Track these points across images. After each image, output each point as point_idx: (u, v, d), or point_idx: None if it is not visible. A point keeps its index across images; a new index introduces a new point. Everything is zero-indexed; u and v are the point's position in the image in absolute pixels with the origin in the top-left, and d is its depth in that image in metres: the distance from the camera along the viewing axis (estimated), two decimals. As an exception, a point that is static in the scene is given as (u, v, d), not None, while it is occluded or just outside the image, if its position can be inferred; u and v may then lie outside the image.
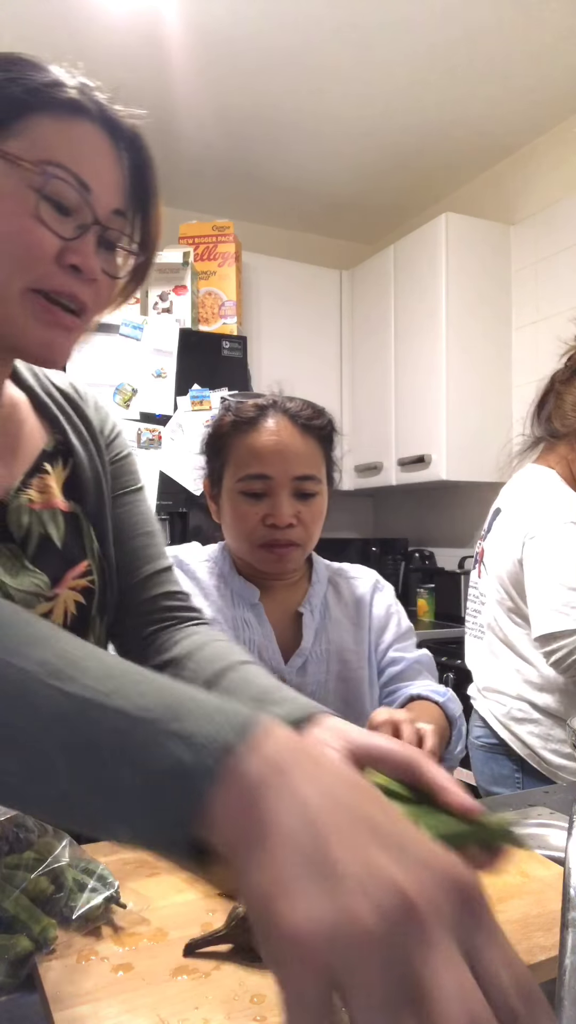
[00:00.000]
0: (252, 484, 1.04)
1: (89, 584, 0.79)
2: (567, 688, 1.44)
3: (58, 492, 0.79)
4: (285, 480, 1.04)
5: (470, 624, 1.68)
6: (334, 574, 1.20)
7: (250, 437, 1.06)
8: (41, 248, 0.63)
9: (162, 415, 2.60)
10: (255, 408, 1.07)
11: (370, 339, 3.33)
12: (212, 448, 1.12)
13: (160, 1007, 0.50)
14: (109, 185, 0.67)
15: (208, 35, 2.33)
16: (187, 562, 1.15)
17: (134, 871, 0.70)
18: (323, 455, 1.11)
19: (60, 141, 0.63)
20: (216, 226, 2.91)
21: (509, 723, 1.51)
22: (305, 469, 1.05)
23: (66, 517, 0.78)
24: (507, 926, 0.63)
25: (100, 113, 0.66)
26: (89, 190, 0.65)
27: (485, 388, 2.95)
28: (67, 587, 0.76)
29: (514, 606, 1.50)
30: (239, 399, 1.10)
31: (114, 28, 2.29)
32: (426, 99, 2.68)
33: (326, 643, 1.12)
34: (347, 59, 2.45)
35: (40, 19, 2.25)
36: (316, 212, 3.54)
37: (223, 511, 1.11)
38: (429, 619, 3.16)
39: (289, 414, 1.07)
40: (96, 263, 0.66)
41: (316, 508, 1.08)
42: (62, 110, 0.64)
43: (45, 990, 0.52)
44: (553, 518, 1.43)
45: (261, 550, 1.06)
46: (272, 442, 1.04)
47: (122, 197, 0.69)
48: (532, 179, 2.97)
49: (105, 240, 0.68)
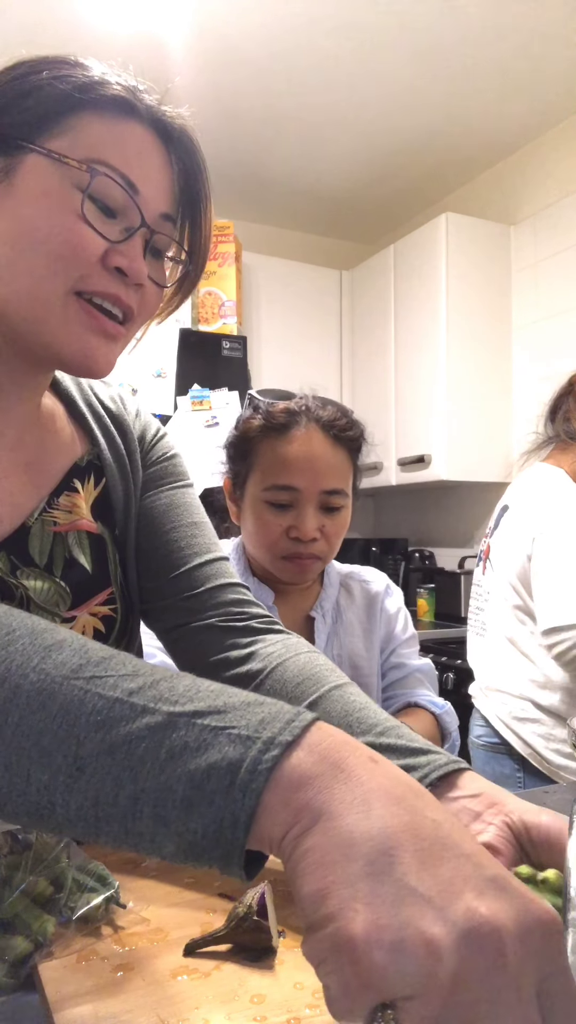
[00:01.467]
0: (278, 495, 1.01)
1: (111, 612, 0.75)
2: (570, 687, 1.44)
3: (87, 511, 0.74)
4: (313, 493, 1.01)
5: (472, 622, 1.68)
6: (346, 577, 1.20)
7: (280, 445, 1.01)
8: (85, 249, 0.60)
9: (162, 415, 2.60)
10: (286, 413, 1.02)
11: (370, 339, 3.33)
12: (238, 450, 1.07)
13: (160, 1007, 0.50)
14: (158, 188, 0.64)
15: (208, 35, 2.33)
16: None
17: (134, 871, 0.70)
18: (352, 466, 1.08)
19: (108, 140, 0.61)
20: (216, 226, 2.91)
21: (511, 722, 1.51)
22: (334, 483, 1.02)
23: (92, 540, 0.74)
24: (507, 926, 0.63)
25: (149, 114, 0.64)
26: (137, 191, 0.62)
27: (485, 388, 2.95)
28: (88, 612, 0.73)
29: (522, 603, 1.50)
30: (269, 399, 1.05)
31: (114, 28, 2.29)
32: (426, 99, 2.68)
33: (338, 648, 1.11)
34: (347, 59, 2.45)
35: (40, 19, 2.25)
36: (316, 212, 3.54)
37: (245, 516, 1.08)
38: (429, 619, 3.15)
39: (321, 423, 1.02)
40: (143, 267, 0.63)
41: (340, 522, 1.06)
42: (110, 109, 0.61)
43: (45, 990, 0.52)
44: (563, 515, 1.44)
45: (282, 561, 1.04)
46: (303, 453, 1.00)
47: (171, 201, 0.66)
48: (532, 179, 2.97)
49: (153, 247, 0.65)
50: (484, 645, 1.62)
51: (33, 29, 2.29)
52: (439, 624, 3.06)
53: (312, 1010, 0.51)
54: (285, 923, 0.61)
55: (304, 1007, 0.51)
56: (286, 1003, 0.51)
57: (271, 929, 0.57)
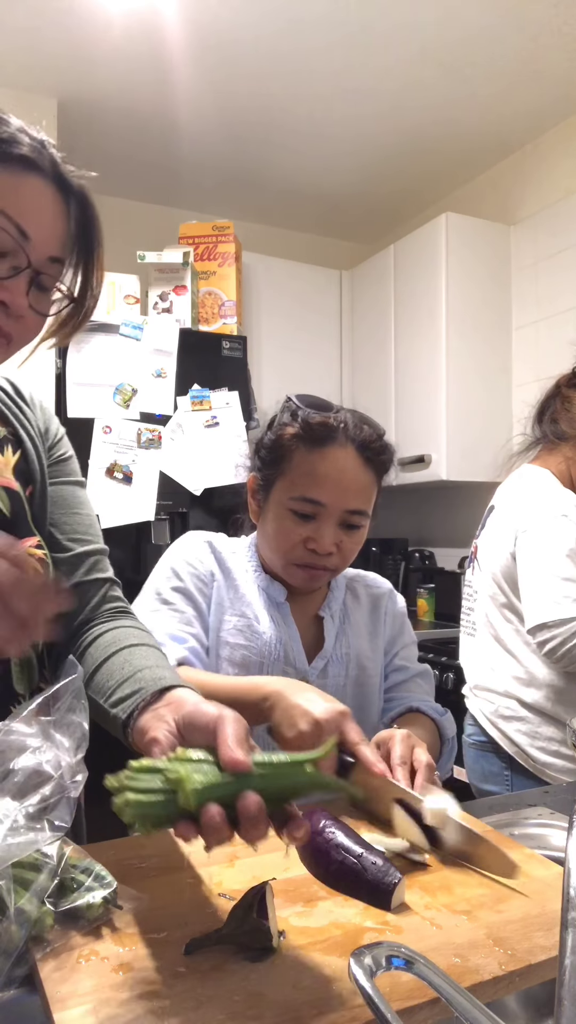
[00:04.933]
0: (303, 506, 1.02)
1: (44, 557, 0.83)
2: (555, 684, 1.46)
3: (8, 473, 0.83)
4: (337, 511, 1.02)
5: (464, 622, 1.70)
6: (351, 580, 1.21)
7: (313, 458, 1.02)
8: None
9: (162, 415, 2.60)
10: (324, 427, 1.03)
11: (370, 339, 3.33)
12: (271, 453, 1.07)
13: (160, 1007, 0.50)
14: (49, 235, 0.74)
15: (209, 35, 2.33)
16: (219, 549, 1.14)
17: (134, 871, 0.70)
18: (377, 488, 1.08)
19: (7, 192, 0.70)
20: (216, 226, 2.91)
21: (497, 721, 1.53)
22: (358, 504, 1.04)
23: (12, 496, 0.82)
24: (507, 926, 0.63)
25: (53, 170, 0.74)
26: (28, 238, 0.71)
27: (485, 388, 2.95)
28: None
29: (507, 601, 1.51)
30: (308, 407, 1.06)
31: (114, 28, 2.29)
32: (426, 99, 2.68)
33: (346, 647, 1.13)
34: (347, 59, 2.45)
35: (40, 19, 2.25)
36: (316, 212, 3.54)
37: (265, 518, 1.09)
38: (429, 619, 3.16)
39: (356, 444, 1.03)
40: (24, 301, 0.73)
41: (357, 539, 1.07)
42: (15, 164, 0.71)
43: (45, 990, 0.52)
44: (545, 512, 1.45)
45: (294, 567, 1.06)
46: (335, 471, 1.01)
47: (61, 247, 0.76)
48: (532, 179, 2.97)
49: (39, 284, 0.75)
50: (474, 644, 1.64)
51: (33, 30, 2.29)
52: (439, 624, 3.06)
53: (312, 1010, 0.51)
54: (285, 923, 0.62)
55: (304, 1007, 0.51)
56: (286, 1003, 0.51)
57: (271, 929, 0.57)
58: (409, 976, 0.44)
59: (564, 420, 1.54)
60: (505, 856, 0.70)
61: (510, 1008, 0.68)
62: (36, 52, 2.42)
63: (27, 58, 2.45)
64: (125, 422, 2.53)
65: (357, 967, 0.41)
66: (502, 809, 0.93)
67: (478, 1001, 0.40)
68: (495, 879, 0.70)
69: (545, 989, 0.61)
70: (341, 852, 0.68)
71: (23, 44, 2.38)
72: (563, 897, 0.40)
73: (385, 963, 0.43)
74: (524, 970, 0.56)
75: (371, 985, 0.40)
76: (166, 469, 2.57)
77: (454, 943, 0.59)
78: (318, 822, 0.72)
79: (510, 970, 0.56)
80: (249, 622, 1.08)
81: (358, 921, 0.62)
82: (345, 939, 0.59)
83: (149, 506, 2.53)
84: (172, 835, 0.79)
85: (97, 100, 2.67)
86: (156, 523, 2.54)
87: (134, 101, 2.67)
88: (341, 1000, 0.51)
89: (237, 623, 1.08)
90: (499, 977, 0.55)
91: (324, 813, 0.74)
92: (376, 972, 0.42)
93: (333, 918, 0.63)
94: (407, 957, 0.43)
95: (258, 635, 1.07)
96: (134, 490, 2.51)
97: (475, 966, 0.56)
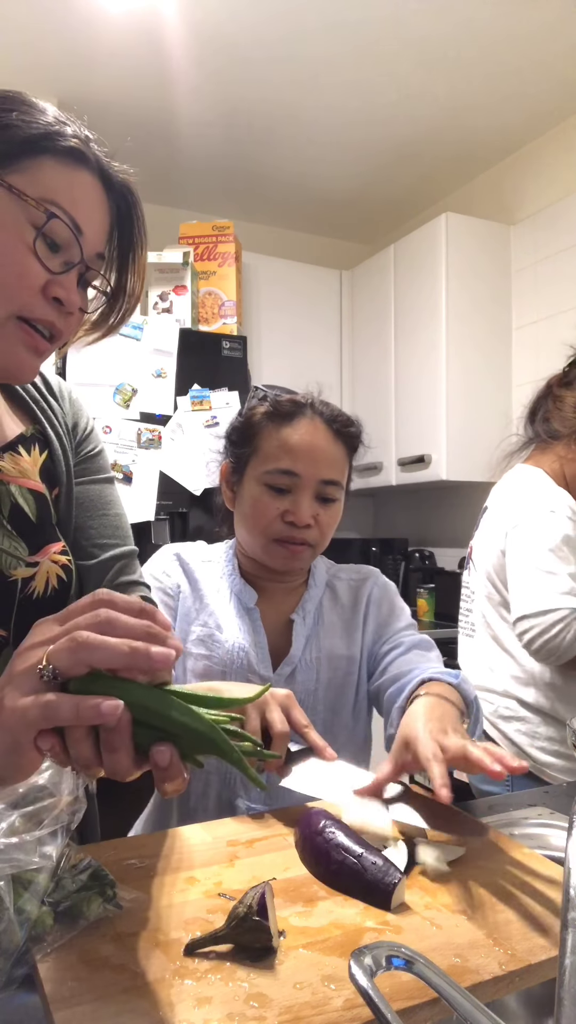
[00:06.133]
0: (278, 478, 1.04)
1: (68, 563, 0.82)
2: (554, 683, 1.46)
3: (34, 474, 0.82)
4: (311, 481, 1.04)
5: (463, 623, 1.71)
6: (333, 575, 1.20)
7: (284, 431, 1.05)
8: (30, 279, 0.68)
9: (162, 415, 2.60)
10: (292, 403, 1.07)
11: (370, 339, 3.33)
12: (241, 435, 1.10)
13: (160, 1007, 0.50)
14: (98, 230, 0.73)
15: (208, 35, 2.33)
16: (187, 560, 1.14)
17: (134, 871, 0.70)
18: (348, 463, 1.11)
19: (62, 185, 0.69)
20: (216, 226, 2.91)
21: (497, 721, 1.53)
22: (332, 474, 1.06)
23: (38, 498, 0.81)
24: (507, 926, 0.63)
25: (98, 165, 0.73)
26: (82, 232, 0.70)
27: (485, 388, 2.95)
28: (49, 558, 0.79)
29: (501, 599, 1.52)
30: (276, 391, 1.10)
31: (114, 28, 2.29)
32: (426, 99, 2.68)
33: (316, 651, 1.11)
34: (347, 59, 2.45)
35: (40, 19, 2.25)
36: (316, 212, 3.54)
37: (241, 499, 1.10)
38: (429, 619, 3.16)
39: (325, 417, 1.07)
40: (77, 299, 0.72)
41: (333, 513, 1.08)
42: (66, 157, 0.70)
43: (45, 990, 0.52)
44: (534, 508, 1.47)
45: (275, 544, 1.06)
46: (306, 441, 1.04)
47: (105, 243, 0.76)
48: (532, 179, 2.97)
49: (83, 278, 0.74)
50: (472, 645, 1.64)
51: (33, 30, 2.29)
52: (439, 624, 3.06)
53: (312, 1010, 0.51)
54: (285, 923, 0.62)
55: (304, 1007, 0.51)
56: (286, 1003, 0.51)
57: (271, 929, 0.57)
58: (409, 976, 0.44)
59: (557, 419, 1.55)
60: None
61: (510, 1008, 0.68)
62: (36, 52, 2.42)
63: (27, 58, 2.45)
64: (125, 422, 2.53)
65: (357, 967, 0.41)
66: (502, 809, 0.93)
67: (478, 1001, 0.40)
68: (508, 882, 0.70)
69: (545, 989, 0.61)
70: (341, 852, 0.68)
71: (23, 44, 2.38)
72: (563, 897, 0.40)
73: (385, 963, 0.43)
74: (524, 970, 0.56)
75: (371, 985, 0.40)
76: (166, 469, 2.57)
77: (454, 943, 0.59)
78: (318, 822, 0.72)
79: (510, 970, 0.56)
80: (211, 631, 1.08)
81: (358, 921, 0.62)
82: (345, 939, 0.59)
83: (149, 506, 2.53)
84: (172, 835, 0.79)
85: (97, 100, 2.67)
86: (156, 523, 2.54)
87: (134, 101, 2.67)
88: (341, 1000, 0.51)
89: (200, 633, 1.08)
90: (499, 977, 0.55)
91: (324, 813, 0.74)
92: (376, 972, 0.42)
93: (333, 918, 0.63)
94: (407, 957, 0.43)
95: (219, 644, 1.07)
96: (134, 490, 2.52)
97: (475, 966, 0.56)
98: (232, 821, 0.84)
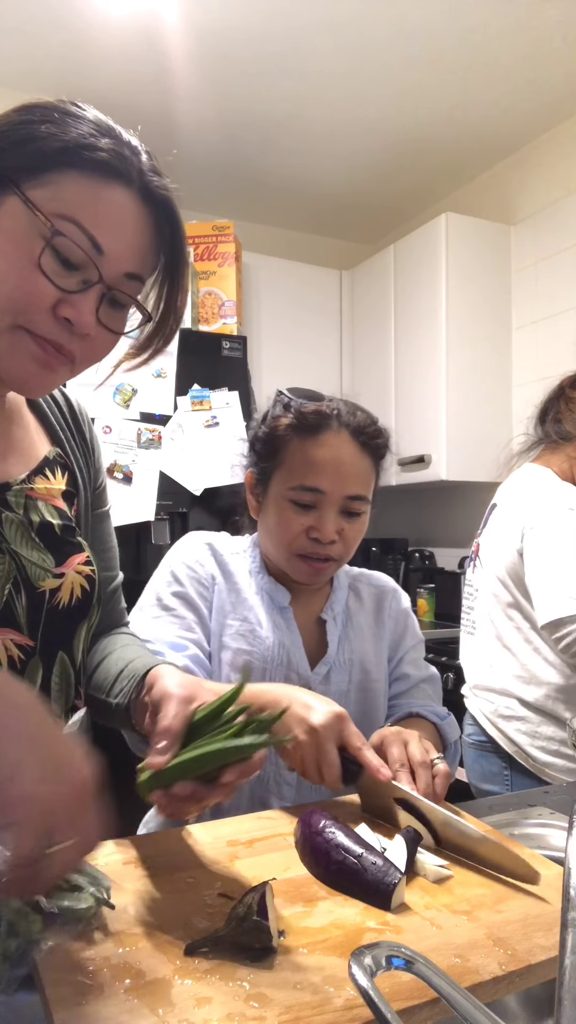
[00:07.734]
0: (303, 495, 1.02)
1: (91, 573, 0.81)
2: (555, 683, 1.46)
3: (58, 498, 0.82)
4: (336, 497, 1.02)
5: (464, 621, 1.70)
6: (354, 580, 1.20)
7: (308, 446, 1.02)
8: (35, 295, 0.65)
9: (162, 415, 2.60)
10: (317, 415, 1.03)
11: (370, 339, 3.33)
12: (266, 446, 1.07)
13: (160, 1007, 0.50)
14: (127, 249, 0.68)
15: (208, 35, 2.33)
16: (220, 551, 1.13)
17: (133, 871, 0.70)
18: (375, 474, 1.09)
19: (85, 200, 0.65)
20: (216, 226, 2.91)
21: (497, 720, 1.53)
22: (357, 489, 1.03)
23: (61, 514, 0.82)
24: (507, 926, 0.63)
25: (139, 180, 0.69)
26: (101, 251, 0.66)
27: (485, 388, 2.95)
28: (74, 569, 0.79)
29: (512, 599, 1.51)
30: (300, 399, 1.06)
31: (114, 28, 2.29)
32: (426, 99, 2.68)
33: (349, 652, 1.11)
34: (347, 60, 2.45)
35: (41, 20, 2.25)
36: (316, 212, 3.54)
37: (266, 511, 1.08)
38: (429, 619, 3.16)
39: (351, 429, 1.03)
40: (91, 319, 0.67)
41: (359, 526, 1.06)
42: (94, 171, 0.66)
43: (45, 990, 0.52)
44: (552, 507, 1.45)
45: (298, 559, 1.04)
46: (331, 457, 1.01)
47: (140, 263, 0.70)
48: (532, 179, 2.96)
49: (113, 299, 0.70)
50: (473, 643, 1.63)
51: (33, 30, 2.29)
52: (439, 624, 3.06)
53: (312, 1010, 0.51)
54: (285, 923, 0.62)
55: (304, 1007, 0.51)
56: (286, 1003, 0.51)
57: (271, 929, 0.57)
58: (409, 976, 0.44)
59: (568, 420, 1.55)
60: (518, 858, 0.70)
61: (510, 1008, 0.68)
62: (36, 52, 2.42)
63: (27, 58, 2.45)
64: (125, 422, 2.53)
65: (357, 967, 0.41)
66: (502, 809, 0.93)
67: (478, 1001, 0.40)
68: (511, 881, 0.70)
69: (545, 989, 0.61)
70: (341, 852, 0.68)
71: (23, 44, 2.38)
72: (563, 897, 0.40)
73: (385, 963, 0.43)
74: (524, 970, 0.56)
75: (371, 985, 0.40)
76: (166, 469, 2.57)
77: (454, 943, 0.59)
78: (318, 822, 0.72)
79: (510, 970, 0.56)
80: (252, 627, 1.07)
81: (358, 921, 0.62)
82: (345, 939, 0.59)
83: (149, 506, 2.53)
84: (172, 835, 0.79)
85: (97, 100, 2.66)
86: (156, 523, 2.54)
87: (134, 101, 2.67)
88: (341, 1000, 0.51)
89: (239, 627, 1.07)
90: (499, 977, 0.55)
91: (324, 813, 0.74)
92: (376, 972, 0.42)
93: (333, 918, 0.63)
94: (407, 957, 0.43)
95: (260, 640, 1.06)
96: (134, 490, 2.52)
97: (475, 966, 0.56)
98: (232, 821, 0.84)
